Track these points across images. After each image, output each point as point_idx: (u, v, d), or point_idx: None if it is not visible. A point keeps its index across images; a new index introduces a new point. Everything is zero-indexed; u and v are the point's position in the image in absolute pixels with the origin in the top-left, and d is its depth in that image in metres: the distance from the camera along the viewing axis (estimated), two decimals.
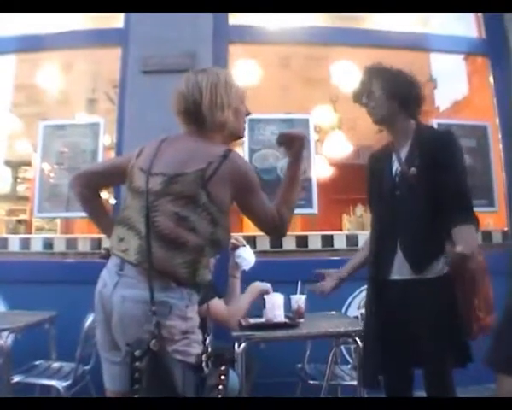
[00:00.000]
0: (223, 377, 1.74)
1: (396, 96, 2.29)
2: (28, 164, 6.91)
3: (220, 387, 1.72)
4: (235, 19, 4.27)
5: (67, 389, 2.90)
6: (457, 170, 2.18)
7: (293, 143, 1.95)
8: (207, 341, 1.77)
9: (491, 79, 4.45)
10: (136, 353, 1.58)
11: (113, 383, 1.82)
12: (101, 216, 2.10)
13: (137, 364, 1.58)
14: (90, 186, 2.02)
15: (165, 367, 1.59)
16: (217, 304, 2.62)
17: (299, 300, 2.90)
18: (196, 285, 1.77)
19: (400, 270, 2.23)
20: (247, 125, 2.08)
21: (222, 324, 2.69)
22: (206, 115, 1.86)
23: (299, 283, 2.95)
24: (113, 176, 2.05)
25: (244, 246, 2.83)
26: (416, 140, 2.28)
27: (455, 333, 2.10)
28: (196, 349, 1.72)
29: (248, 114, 2.03)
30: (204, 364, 1.69)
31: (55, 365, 3.23)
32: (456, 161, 2.20)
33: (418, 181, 2.19)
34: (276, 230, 1.89)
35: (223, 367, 1.75)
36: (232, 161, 1.78)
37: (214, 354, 1.75)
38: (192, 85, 1.90)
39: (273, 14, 4.21)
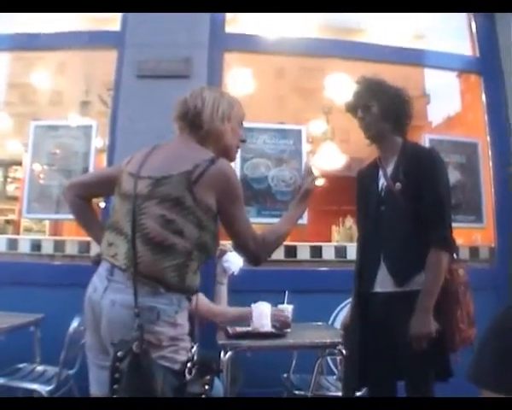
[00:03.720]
0: (206, 386, 1.73)
1: (392, 115, 2.32)
2: (19, 164, 6.86)
3: (203, 397, 1.71)
4: (232, 27, 4.28)
5: (50, 394, 2.87)
6: (438, 189, 2.21)
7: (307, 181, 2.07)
8: (194, 349, 1.76)
9: (484, 97, 4.48)
10: (119, 353, 1.58)
11: (99, 388, 1.80)
12: (93, 225, 2.11)
13: (118, 364, 1.58)
14: (82, 196, 2.04)
15: (146, 370, 1.58)
16: (202, 299, 2.61)
17: (286, 310, 2.90)
18: (186, 290, 1.76)
19: (383, 283, 2.25)
20: None
21: (208, 317, 2.70)
22: (205, 122, 1.89)
23: (287, 292, 2.95)
24: (105, 186, 2.06)
25: (231, 251, 2.84)
26: (401, 156, 2.32)
27: (436, 346, 2.11)
28: (183, 356, 1.71)
29: (244, 140, 2.08)
30: (187, 371, 1.68)
31: (39, 368, 3.19)
32: (436, 180, 2.22)
33: (403, 196, 2.22)
34: (253, 252, 1.87)
35: (207, 377, 1.74)
36: (219, 167, 1.78)
37: (200, 362, 1.73)
38: (195, 94, 1.95)
39: (270, 23, 4.24)
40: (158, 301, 1.69)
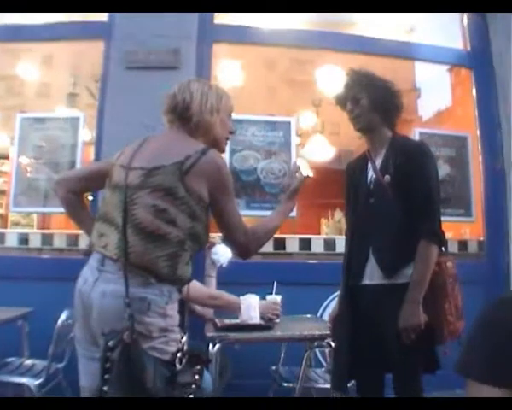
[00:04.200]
0: (197, 376, 1.73)
1: (381, 108, 2.32)
2: (5, 157, 6.79)
3: (193, 386, 1.71)
4: (221, 18, 4.25)
5: (39, 388, 2.86)
6: (427, 181, 2.21)
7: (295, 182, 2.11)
8: (184, 339, 1.75)
9: (474, 91, 4.49)
10: (110, 343, 1.57)
11: (90, 379, 1.78)
12: (86, 220, 2.08)
13: (109, 354, 1.57)
14: (73, 191, 2.02)
15: (136, 360, 1.58)
16: (195, 284, 2.59)
17: (276, 301, 2.90)
18: (177, 281, 1.75)
19: (372, 275, 2.25)
20: None
21: (199, 304, 2.70)
22: (193, 114, 1.89)
23: (275, 283, 2.94)
24: (96, 180, 2.03)
25: (220, 243, 2.83)
26: (390, 149, 2.31)
27: (424, 338, 2.11)
28: (173, 348, 1.70)
29: (233, 132, 2.08)
30: (177, 360, 1.68)
31: (28, 362, 3.17)
32: (426, 173, 2.22)
33: (392, 189, 2.22)
34: (243, 245, 1.88)
35: (197, 367, 1.74)
36: (210, 158, 1.78)
37: (190, 353, 1.73)
38: (183, 87, 1.94)
39: (260, 14, 4.22)
40: (148, 291, 1.68)
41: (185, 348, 1.73)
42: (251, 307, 2.74)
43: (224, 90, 2.04)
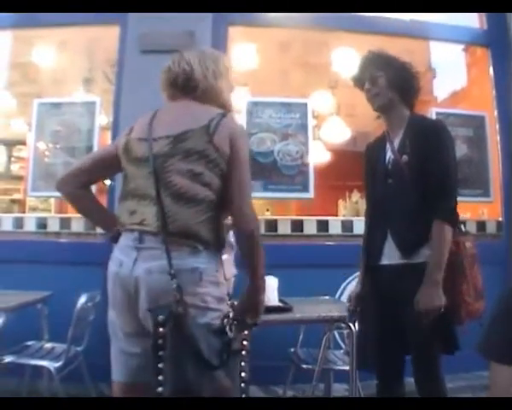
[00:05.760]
0: (245, 342, 1.70)
1: (398, 87, 2.30)
2: (23, 143, 6.86)
3: (243, 352, 1.69)
4: None
5: (59, 371, 2.88)
6: (443, 160, 2.18)
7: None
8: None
9: (491, 71, 4.41)
10: (160, 318, 1.54)
11: (123, 374, 1.75)
12: (96, 212, 2.06)
13: (161, 329, 1.54)
14: (79, 185, 1.93)
15: (189, 332, 1.54)
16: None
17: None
18: (221, 245, 1.75)
19: (390, 255, 2.24)
20: (244, 108, 2.07)
21: None
22: (198, 82, 1.85)
23: None
24: (104, 169, 1.99)
25: None
26: (408, 129, 2.29)
27: (442, 319, 2.10)
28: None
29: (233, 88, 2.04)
30: (228, 328, 1.65)
31: (48, 345, 3.21)
32: (443, 152, 2.19)
33: (409, 169, 2.20)
34: (247, 216, 1.74)
35: (245, 332, 1.71)
36: (230, 120, 1.80)
37: (236, 318, 1.70)
38: (178, 59, 1.92)
39: None
40: (198, 260, 1.66)
41: (231, 314, 1.70)
42: (269, 288, 2.74)
43: (217, 52, 2.02)
